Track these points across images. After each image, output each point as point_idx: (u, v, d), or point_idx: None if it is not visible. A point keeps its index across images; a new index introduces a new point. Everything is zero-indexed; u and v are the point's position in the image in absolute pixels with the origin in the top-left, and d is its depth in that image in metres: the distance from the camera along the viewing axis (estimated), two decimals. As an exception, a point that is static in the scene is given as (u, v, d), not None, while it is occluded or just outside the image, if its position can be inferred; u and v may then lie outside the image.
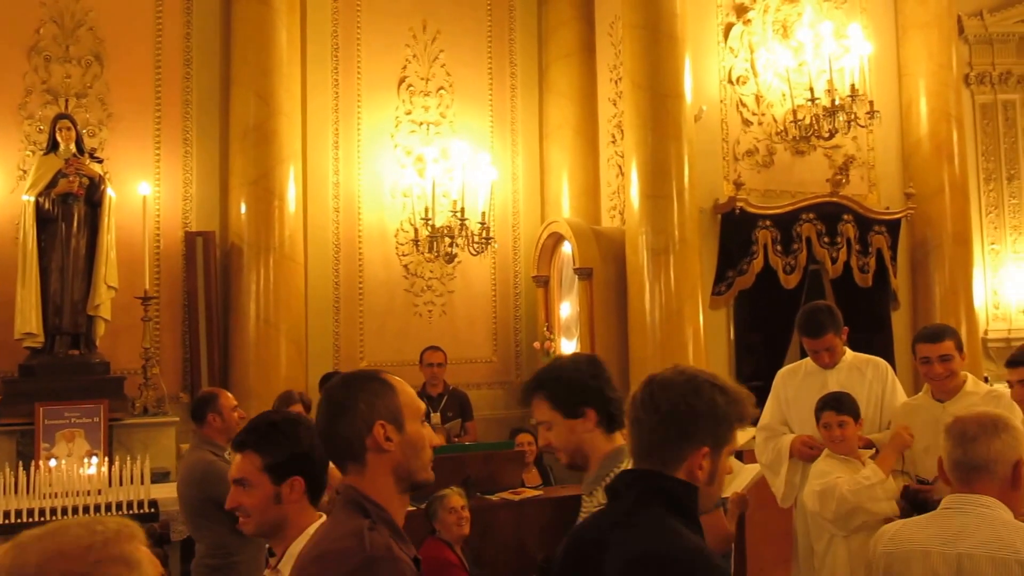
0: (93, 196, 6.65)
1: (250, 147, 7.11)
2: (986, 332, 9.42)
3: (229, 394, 4.48)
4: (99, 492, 5.58)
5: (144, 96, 7.35)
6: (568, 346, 7.75)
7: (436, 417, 7.09)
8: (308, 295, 7.52)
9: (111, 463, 5.78)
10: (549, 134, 8.29)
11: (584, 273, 7.29)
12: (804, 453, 4.26)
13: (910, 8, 8.20)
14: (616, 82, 7.60)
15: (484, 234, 7.57)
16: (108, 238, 6.66)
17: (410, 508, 2.77)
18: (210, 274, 7.15)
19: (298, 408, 5.22)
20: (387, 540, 1.85)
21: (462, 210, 7.47)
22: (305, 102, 7.65)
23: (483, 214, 7.59)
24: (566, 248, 7.65)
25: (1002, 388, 4.28)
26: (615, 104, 7.65)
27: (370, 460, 1.96)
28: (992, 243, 9.81)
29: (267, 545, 4.52)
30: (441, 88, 8.20)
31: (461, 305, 8.14)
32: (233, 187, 7.21)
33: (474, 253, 7.66)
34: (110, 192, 6.73)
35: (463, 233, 7.53)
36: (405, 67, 8.15)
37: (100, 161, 6.91)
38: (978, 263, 9.01)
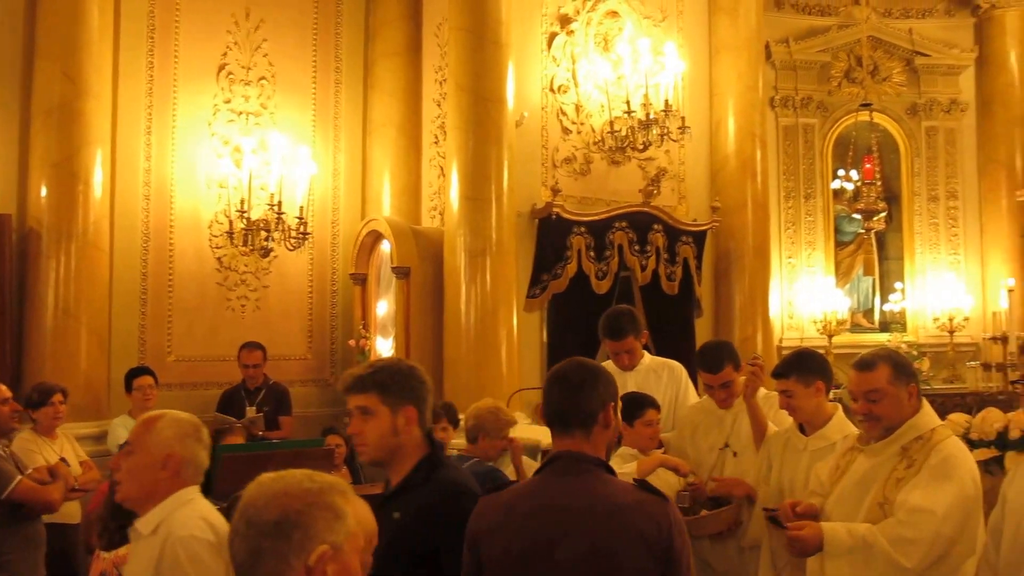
0: None
1: (53, 127, 6.70)
2: (781, 340, 10.06)
3: (3, 386, 4.23)
4: None
5: (-70, 64, 6.80)
6: (384, 345, 7.73)
7: (252, 411, 6.94)
8: (113, 286, 7.17)
9: None
10: (373, 131, 8.24)
11: (401, 272, 7.29)
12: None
13: (722, 31, 8.65)
14: (441, 83, 7.63)
15: (301, 229, 7.44)
16: None
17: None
18: (4, 260, 6.68)
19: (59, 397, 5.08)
20: None
21: (279, 204, 7.30)
22: (117, 83, 7.29)
23: (301, 208, 7.45)
24: (385, 247, 7.62)
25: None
26: (439, 105, 7.69)
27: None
28: (789, 257, 10.50)
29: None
30: (263, 78, 7.99)
31: (276, 301, 7.96)
32: (33, 168, 6.76)
33: (291, 248, 7.52)
34: None
35: (280, 227, 7.37)
36: (226, 54, 7.89)
37: None
38: (775, 275, 9.61)
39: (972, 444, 4.70)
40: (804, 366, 3.64)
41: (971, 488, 2.93)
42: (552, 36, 7.72)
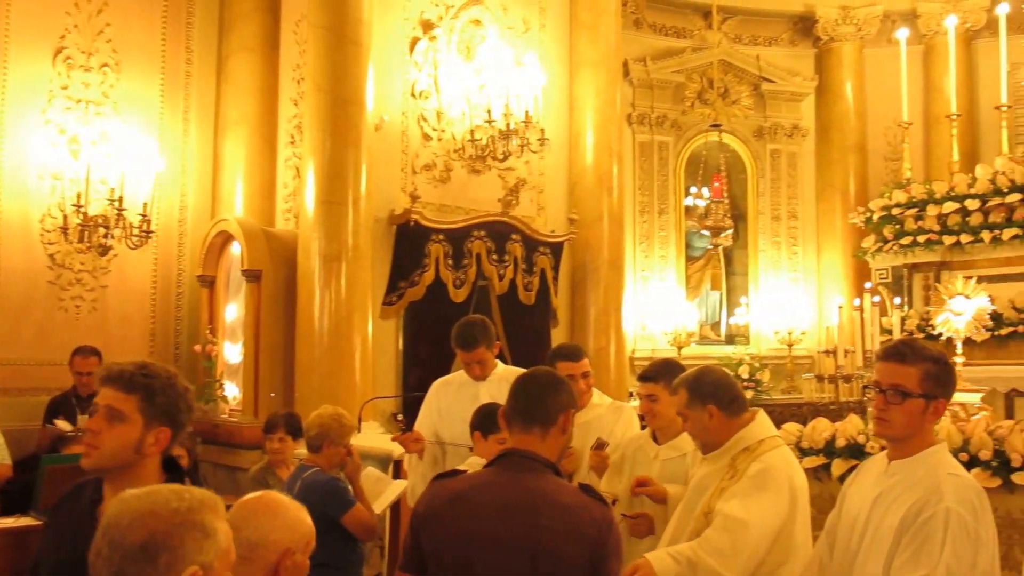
0: None
1: None
2: (633, 351, 10.29)
3: None
4: None
5: None
6: (232, 351, 7.42)
7: (84, 420, 6.48)
8: (-71, 281, 6.59)
9: None
10: (225, 128, 7.91)
11: (252, 275, 7.02)
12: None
13: (583, 47, 8.79)
14: (299, 82, 7.42)
15: (144, 227, 7.05)
16: None
17: (35, 522, 2.45)
18: None
19: None
20: None
21: (120, 199, 6.90)
22: (-63, 62, 6.72)
23: (145, 205, 7.07)
24: (235, 248, 7.33)
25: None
26: (296, 104, 7.47)
27: None
28: (643, 270, 10.77)
29: None
30: (105, 65, 7.54)
31: (115, 302, 7.50)
32: None
33: (132, 247, 7.11)
34: None
35: (121, 224, 6.96)
36: (64, 37, 7.39)
37: None
38: (629, 287, 9.82)
39: (803, 452, 4.91)
40: (673, 374, 3.70)
41: (786, 498, 3.00)
42: (415, 41, 7.64)
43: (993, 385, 6.81)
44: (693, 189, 10.61)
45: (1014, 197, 8.10)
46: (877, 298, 6.12)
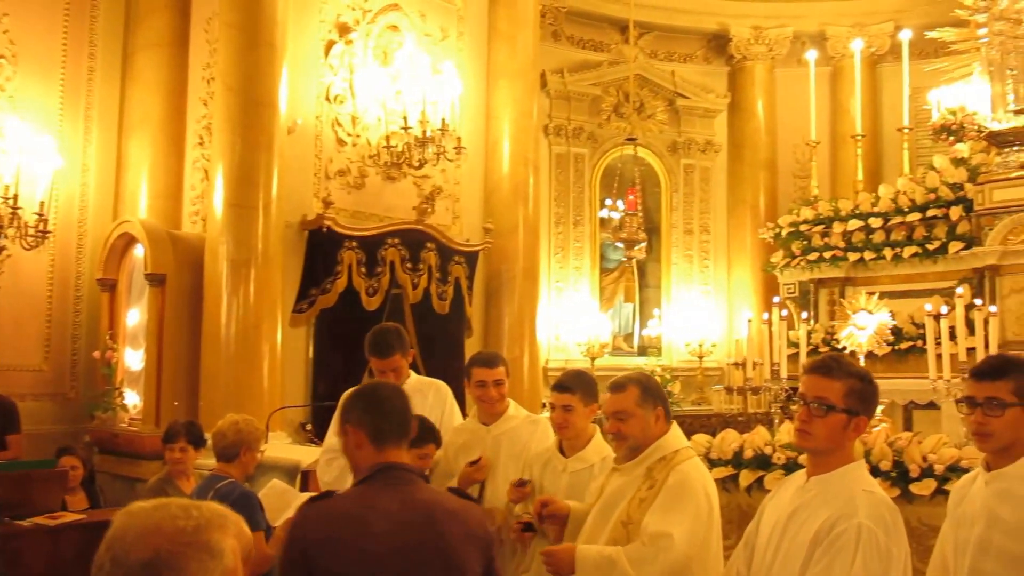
0: None
1: None
2: (547, 362, 10.31)
3: None
4: None
5: None
6: (133, 357, 7.15)
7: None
8: None
9: None
10: (130, 127, 7.61)
11: (156, 279, 6.78)
12: None
13: (501, 57, 8.79)
14: (209, 81, 7.21)
15: (41, 227, 6.73)
16: None
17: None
18: None
19: None
20: None
21: (15, 197, 6.57)
22: None
23: (42, 204, 6.75)
24: (139, 251, 7.06)
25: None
26: (206, 104, 7.26)
27: None
28: (557, 281, 10.81)
29: None
30: (1, 57, 7.20)
31: (7, 305, 7.12)
32: None
33: (27, 247, 6.77)
34: None
35: (15, 224, 6.63)
36: (-42, 26, 7.05)
37: None
38: (543, 298, 9.84)
39: (712, 463, 4.96)
40: (587, 386, 3.71)
41: (705, 508, 3.06)
42: (330, 44, 7.52)
43: (892, 398, 7.03)
44: (608, 201, 10.71)
45: (914, 216, 8.40)
46: (785, 312, 6.24)
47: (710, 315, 11.45)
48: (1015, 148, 8.05)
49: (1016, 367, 2.72)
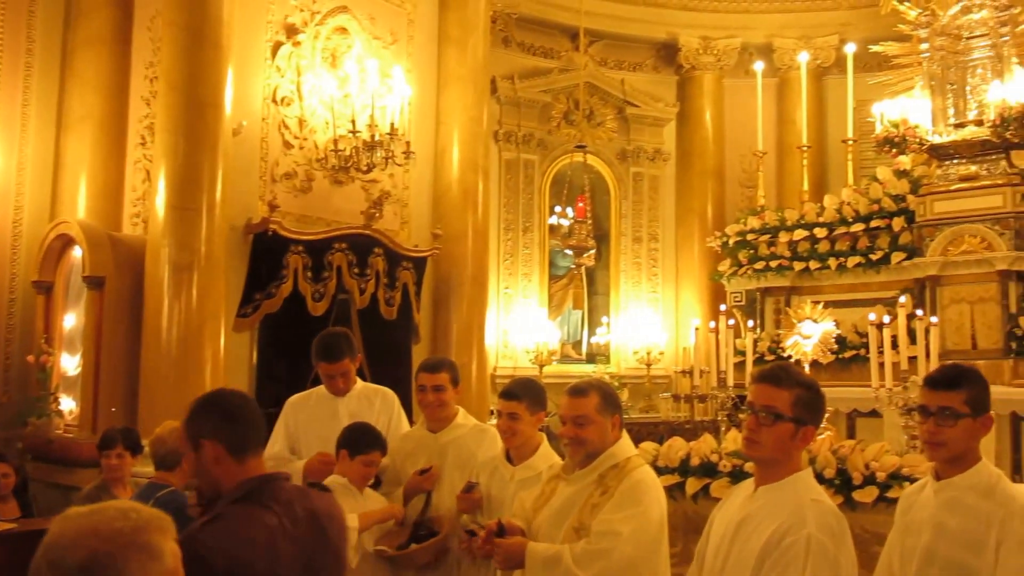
0: None
1: None
2: (495, 368, 10.27)
3: None
4: None
5: None
6: (70, 362, 6.96)
7: None
8: None
9: None
10: (69, 125, 7.40)
11: (94, 282, 6.61)
12: (322, 470, 4.17)
13: (451, 62, 8.74)
14: (152, 80, 7.05)
15: (-27, 228, 6.54)
16: None
17: None
18: None
19: None
20: None
21: (-53, 197, 6.38)
22: None
23: (-25, 204, 6.56)
24: (77, 253, 6.88)
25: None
26: (149, 104, 7.09)
27: None
28: (506, 287, 10.78)
29: None
30: (-65, 52, 6.98)
31: (-63, 307, 6.92)
32: None
33: (-41, 249, 6.58)
34: None
35: (-54, 224, 6.43)
36: None
37: None
38: (492, 305, 9.80)
39: (659, 471, 4.97)
40: (534, 393, 3.70)
41: (657, 513, 3.08)
42: (277, 45, 7.41)
43: (836, 406, 7.12)
44: (557, 208, 10.72)
45: (858, 227, 8.54)
46: (732, 320, 6.28)
47: (658, 323, 11.51)
48: (955, 161, 8.23)
49: (969, 378, 2.74)
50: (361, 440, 3.96)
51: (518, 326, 10.77)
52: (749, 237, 9.26)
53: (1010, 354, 7.60)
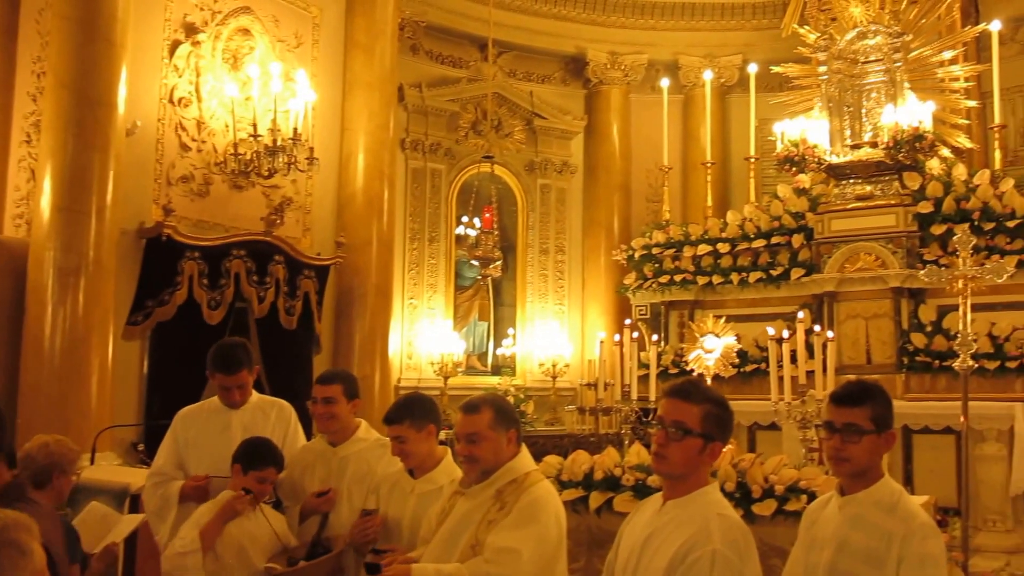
0: None
1: None
2: (399, 380, 10.11)
3: None
4: None
5: None
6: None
7: None
8: None
9: None
10: (-53, 120, 7.02)
11: (-29, 287, 6.25)
12: (197, 495, 3.98)
13: (357, 67, 8.60)
14: (39, 76, 6.71)
15: None
16: None
17: None
18: None
19: None
20: None
21: None
22: None
23: None
24: (-48, 256, 6.49)
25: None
26: (35, 100, 6.74)
27: None
28: (411, 298, 10.63)
29: None
30: None
31: None
32: None
33: None
34: None
35: None
36: None
37: None
38: (397, 315, 9.66)
39: (563, 485, 4.92)
40: (416, 411, 3.59)
41: (555, 530, 3.04)
42: (175, 44, 7.17)
43: (737, 419, 7.19)
44: (464, 219, 10.64)
45: (759, 243, 8.71)
46: (636, 334, 6.30)
47: (564, 335, 11.52)
48: (851, 181, 8.48)
49: (874, 395, 2.76)
50: (255, 455, 3.80)
51: (423, 337, 10.63)
52: (654, 251, 9.35)
53: (902, 368, 7.84)
